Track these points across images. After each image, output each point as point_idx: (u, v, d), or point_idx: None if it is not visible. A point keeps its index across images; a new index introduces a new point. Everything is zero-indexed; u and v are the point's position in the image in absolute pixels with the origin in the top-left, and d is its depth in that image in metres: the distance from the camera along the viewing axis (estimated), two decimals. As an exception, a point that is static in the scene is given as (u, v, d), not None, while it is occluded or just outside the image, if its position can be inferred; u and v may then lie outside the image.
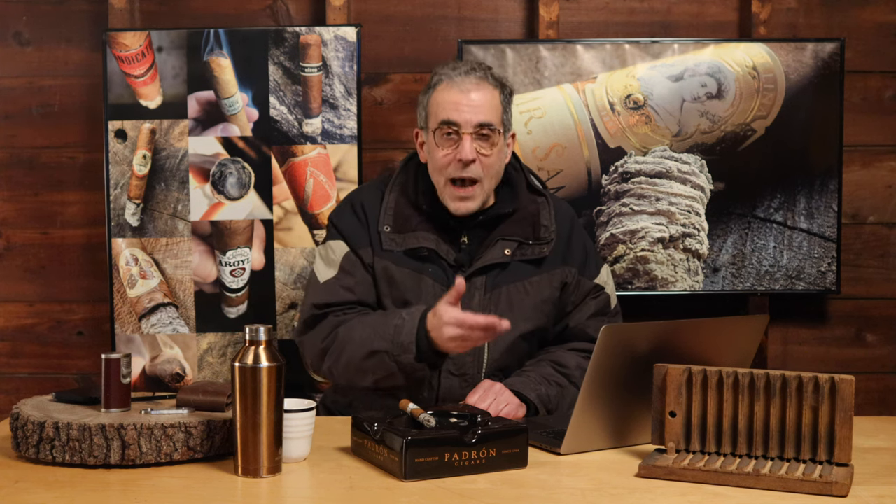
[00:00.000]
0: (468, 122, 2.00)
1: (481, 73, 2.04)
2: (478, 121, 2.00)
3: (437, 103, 2.03)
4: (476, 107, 2.00)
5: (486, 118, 2.00)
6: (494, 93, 2.04)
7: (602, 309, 2.15)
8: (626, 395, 1.69)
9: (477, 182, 2.01)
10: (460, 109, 2.00)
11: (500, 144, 2.04)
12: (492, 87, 2.04)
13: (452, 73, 2.04)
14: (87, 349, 2.84)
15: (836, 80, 2.68)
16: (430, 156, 2.06)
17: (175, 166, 2.66)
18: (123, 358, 1.68)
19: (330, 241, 2.12)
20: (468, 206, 2.03)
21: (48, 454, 1.56)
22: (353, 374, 2.00)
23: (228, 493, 1.46)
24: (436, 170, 2.05)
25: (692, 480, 1.51)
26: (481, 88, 2.02)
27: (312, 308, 2.06)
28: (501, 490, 1.48)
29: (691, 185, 2.69)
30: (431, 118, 2.05)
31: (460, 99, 2.00)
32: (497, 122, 2.02)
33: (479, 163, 2.00)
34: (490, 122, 2.01)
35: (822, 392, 1.51)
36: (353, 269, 2.07)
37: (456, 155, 2.00)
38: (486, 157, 2.01)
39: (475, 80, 2.02)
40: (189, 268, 2.67)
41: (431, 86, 2.06)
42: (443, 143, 2.02)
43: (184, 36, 2.64)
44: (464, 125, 2.00)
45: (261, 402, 1.51)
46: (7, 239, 2.83)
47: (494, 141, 2.02)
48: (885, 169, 2.82)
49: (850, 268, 2.82)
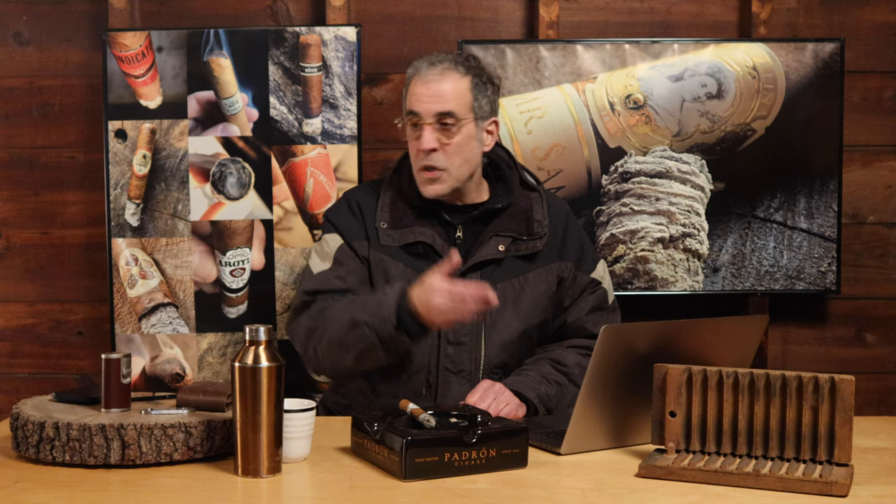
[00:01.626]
0: (428, 112, 2.02)
1: (449, 62, 2.05)
2: (436, 111, 2.02)
3: (409, 94, 2.07)
4: (435, 97, 2.02)
5: (445, 107, 2.02)
6: (462, 81, 2.04)
7: (600, 304, 2.15)
8: (626, 395, 1.69)
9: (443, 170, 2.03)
10: (421, 100, 2.03)
11: (464, 133, 2.04)
12: (459, 75, 2.04)
13: (421, 65, 2.07)
14: (87, 349, 2.84)
15: (836, 80, 2.68)
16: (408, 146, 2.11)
17: (175, 166, 2.66)
18: (123, 358, 1.68)
19: (325, 234, 2.14)
20: (436, 188, 2.05)
21: (48, 454, 1.56)
22: (336, 351, 1.98)
23: (228, 493, 1.46)
24: (412, 159, 2.09)
25: (692, 480, 1.51)
26: (445, 78, 2.03)
27: (303, 295, 2.08)
28: (501, 490, 1.48)
29: (691, 185, 2.69)
30: (405, 109, 2.09)
31: (423, 90, 2.03)
32: (460, 110, 2.03)
33: (442, 151, 2.02)
34: (449, 111, 2.02)
35: (822, 392, 1.51)
36: (346, 260, 2.08)
37: (419, 144, 2.04)
38: (447, 145, 2.03)
39: (440, 70, 2.04)
40: (189, 268, 2.67)
41: (408, 77, 2.10)
42: (410, 134, 2.07)
43: (184, 36, 2.64)
44: (424, 115, 2.03)
45: (261, 402, 1.51)
46: (7, 239, 2.83)
47: (457, 129, 2.03)
48: (885, 169, 2.82)
49: (850, 268, 2.82)
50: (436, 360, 2.03)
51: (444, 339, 2.03)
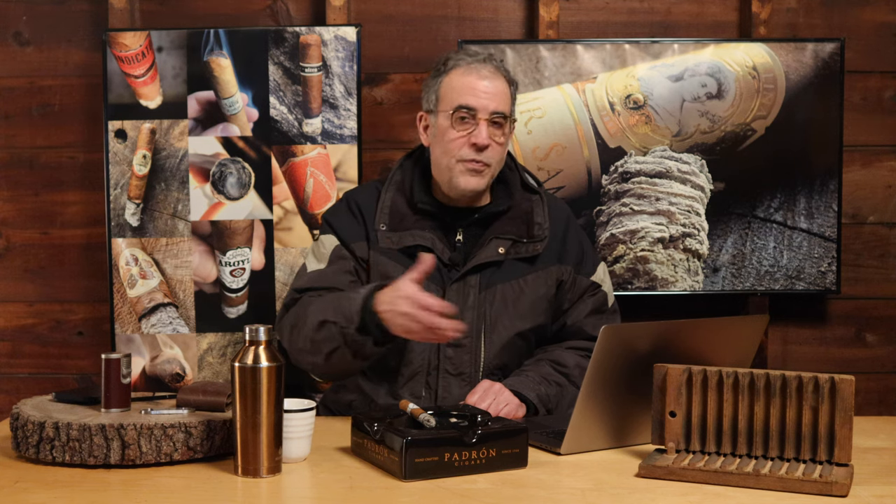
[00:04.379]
0: (485, 108, 2.02)
1: (496, 62, 2.08)
2: (493, 108, 2.02)
3: (453, 87, 2.04)
4: (492, 94, 2.02)
5: (501, 107, 2.03)
6: (506, 84, 2.07)
7: (599, 307, 2.15)
8: (626, 395, 1.69)
9: (488, 166, 2.03)
10: (478, 95, 2.02)
11: (509, 134, 2.08)
12: (504, 78, 2.07)
13: (469, 59, 2.06)
14: (87, 349, 2.84)
15: (836, 80, 2.68)
16: (439, 138, 2.06)
17: (175, 166, 2.66)
18: (123, 358, 1.68)
19: (322, 235, 2.13)
20: (479, 181, 2.03)
21: (48, 454, 1.56)
22: (310, 348, 1.95)
23: (228, 493, 1.46)
24: (444, 152, 2.04)
25: (692, 480, 1.51)
26: (496, 78, 2.05)
27: (292, 293, 2.07)
28: (501, 490, 1.48)
29: (691, 185, 2.69)
30: (444, 101, 2.05)
31: (477, 84, 2.02)
32: (508, 111, 2.06)
33: (492, 149, 2.03)
34: (504, 112, 2.04)
35: (822, 392, 1.51)
36: (340, 261, 2.07)
37: (469, 139, 2.01)
38: (499, 144, 2.04)
39: (492, 68, 2.05)
40: (189, 268, 2.67)
41: (445, 69, 2.07)
42: (457, 125, 2.03)
43: (184, 36, 2.64)
44: (481, 111, 2.01)
45: (261, 402, 1.51)
46: (7, 239, 2.83)
47: (506, 130, 2.05)
48: (885, 169, 2.82)
49: (850, 268, 2.82)
50: (436, 362, 2.03)
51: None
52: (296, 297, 2.05)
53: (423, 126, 2.12)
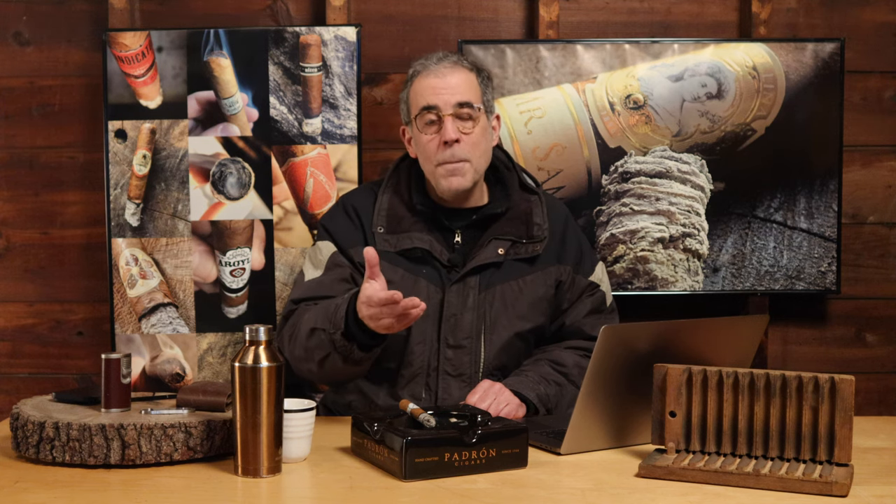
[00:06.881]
0: (447, 104, 2.02)
1: (454, 58, 2.08)
2: (456, 101, 2.02)
3: (416, 93, 2.06)
4: (452, 87, 2.02)
5: (464, 97, 2.02)
6: (470, 75, 2.06)
7: (598, 307, 2.15)
8: (626, 395, 1.69)
9: (467, 161, 2.02)
10: (438, 93, 2.02)
11: (482, 123, 2.05)
12: (466, 69, 2.06)
13: (427, 63, 2.07)
14: (87, 349, 2.84)
15: (836, 80, 2.68)
16: (418, 146, 2.08)
17: (175, 166, 2.66)
18: (123, 358, 1.69)
19: (318, 242, 2.13)
20: (460, 181, 2.03)
21: (48, 454, 1.56)
22: (304, 356, 1.96)
23: (228, 493, 1.46)
24: (425, 159, 2.06)
25: (692, 480, 1.52)
26: (456, 71, 2.05)
27: (290, 304, 2.08)
28: (501, 490, 1.48)
29: (691, 185, 2.69)
30: (413, 108, 2.07)
31: (436, 83, 2.03)
32: (476, 100, 2.04)
33: (464, 142, 2.01)
34: (468, 101, 2.03)
35: (822, 392, 1.51)
36: (338, 268, 2.07)
37: (440, 138, 2.01)
38: (469, 135, 2.02)
39: (449, 64, 2.05)
40: (189, 268, 2.67)
41: (410, 79, 2.09)
42: (426, 129, 2.04)
43: (184, 36, 2.64)
44: (443, 107, 2.02)
45: (261, 402, 1.51)
46: (7, 239, 2.83)
47: (476, 120, 2.03)
48: (885, 169, 2.82)
49: (849, 268, 2.82)
50: (435, 363, 2.03)
51: (444, 342, 2.03)
52: (292, 308, 2.06)
53: (406, 139, 2.14)
